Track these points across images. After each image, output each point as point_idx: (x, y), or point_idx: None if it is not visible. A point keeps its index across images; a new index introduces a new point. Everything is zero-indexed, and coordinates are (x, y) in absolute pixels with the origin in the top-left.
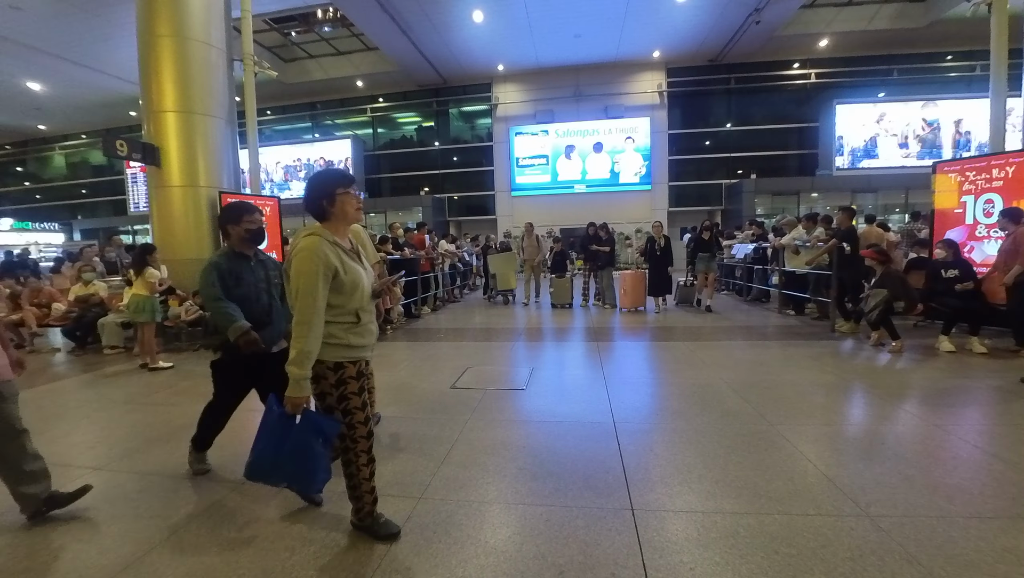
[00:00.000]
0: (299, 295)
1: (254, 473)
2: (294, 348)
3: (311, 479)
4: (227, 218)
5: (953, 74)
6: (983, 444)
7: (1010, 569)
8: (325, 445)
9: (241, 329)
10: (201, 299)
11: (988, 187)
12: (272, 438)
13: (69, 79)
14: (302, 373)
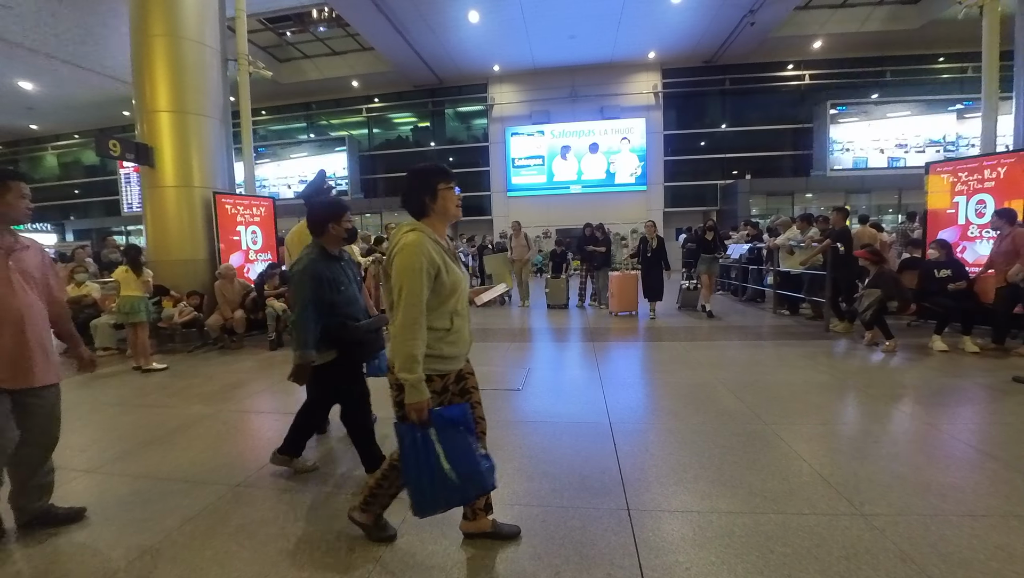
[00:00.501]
0: (404, 294)
1: (425, 508)
2: (401, 353)
3: (480, 478)
4: (330, 216)
5: (945, 76)
6: (975, 442)
7: (1002, 566)
8: (469, 433)
9: (309, 359)
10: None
11: (980, 188)
12: (419, 462)
13: (61, 78)
14: (416, 377)
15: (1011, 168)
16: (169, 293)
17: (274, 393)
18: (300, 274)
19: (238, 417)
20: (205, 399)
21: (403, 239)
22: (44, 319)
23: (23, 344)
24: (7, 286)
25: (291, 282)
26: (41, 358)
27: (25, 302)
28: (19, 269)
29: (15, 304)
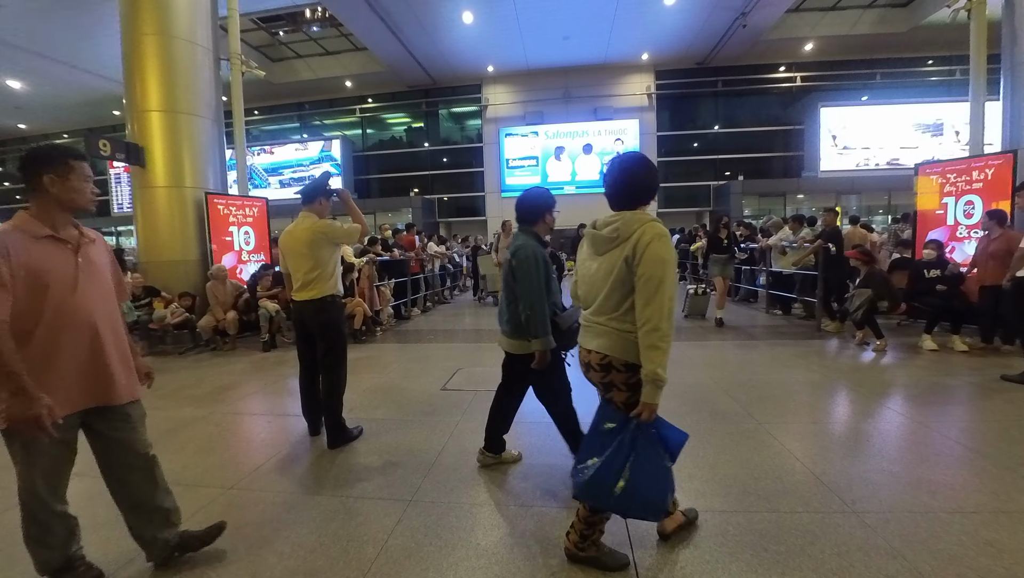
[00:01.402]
0: (665, 286)
1: (591, 493)
2: (659, 349)
3: (662, 499)
4: (547, 205)
5: (934, 78)
6: (964, 440)
7: (991, 562)
8: (671, 459)
9: (550, 346)
10: (526, 292)
11: (968, 189)
12: (618, 454)
13: (50, 77)
14: (666, 378)
15: (998, 169)
16: (160, 294)
17: (267, 395)
18: (533, 259)
19: (230, 419)
20: (197, 401)
21: (654, 229)
22: (120, 324)
23: (101, 355)
24: (78, 289)
25: (520, 268)
26: (122, 370)
27: (99, 306)
28: (88, 267)
29: (88, 308)
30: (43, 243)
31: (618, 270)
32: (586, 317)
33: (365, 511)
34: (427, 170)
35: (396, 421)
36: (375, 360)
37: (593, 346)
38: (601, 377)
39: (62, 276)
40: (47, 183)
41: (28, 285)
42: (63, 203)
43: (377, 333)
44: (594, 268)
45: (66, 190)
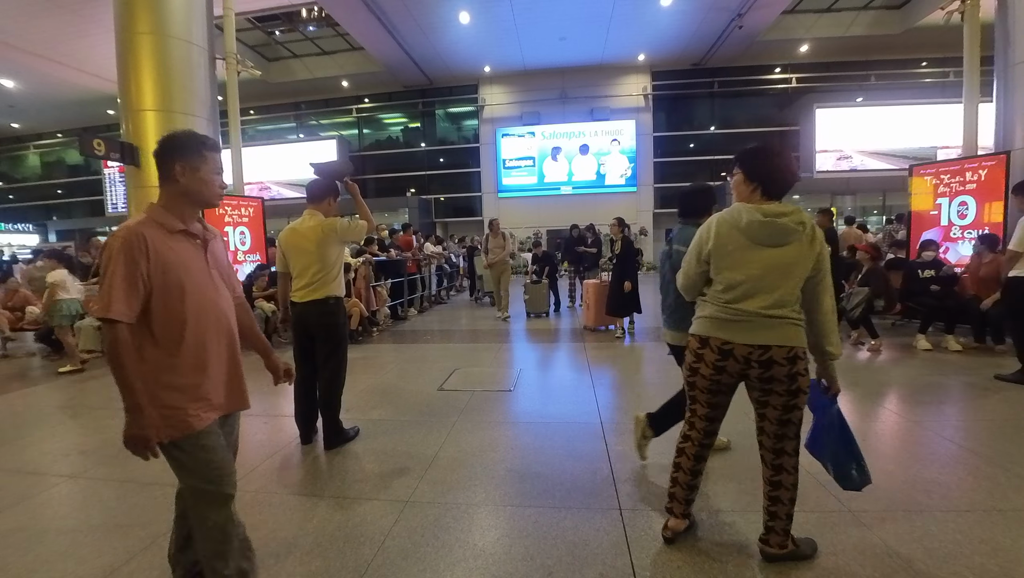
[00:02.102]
0: (828, 278)
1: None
2: (836, 333)
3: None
4: (713, 200)
5: (928, 80)
6: (959, 439)
7: (986, 560)
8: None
9: None
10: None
11: (962, 189)
12: (841, 437)
13: (44, 76)
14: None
15: (992, 170)
16: None
17: (263, 395)
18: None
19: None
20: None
21: (814, 221)
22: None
23: (236, 357)
24: (213, 288)
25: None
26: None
27: (228, 305)
28: (216, 265)
29: (223, 308)
30: (177, 238)
31: (804, 261)
32: (743, 310)
33: (362, 512)
34: (424, 170)
35: (393, 422)
36: (372, 361)
37: (775, 341)
38: (787, 370)
39: (197, 275)
40: (178, 172)
41: (167, 285)
42: (191, 195)
43: (374, 333)
44: (767, 257)
45: (196, 181)
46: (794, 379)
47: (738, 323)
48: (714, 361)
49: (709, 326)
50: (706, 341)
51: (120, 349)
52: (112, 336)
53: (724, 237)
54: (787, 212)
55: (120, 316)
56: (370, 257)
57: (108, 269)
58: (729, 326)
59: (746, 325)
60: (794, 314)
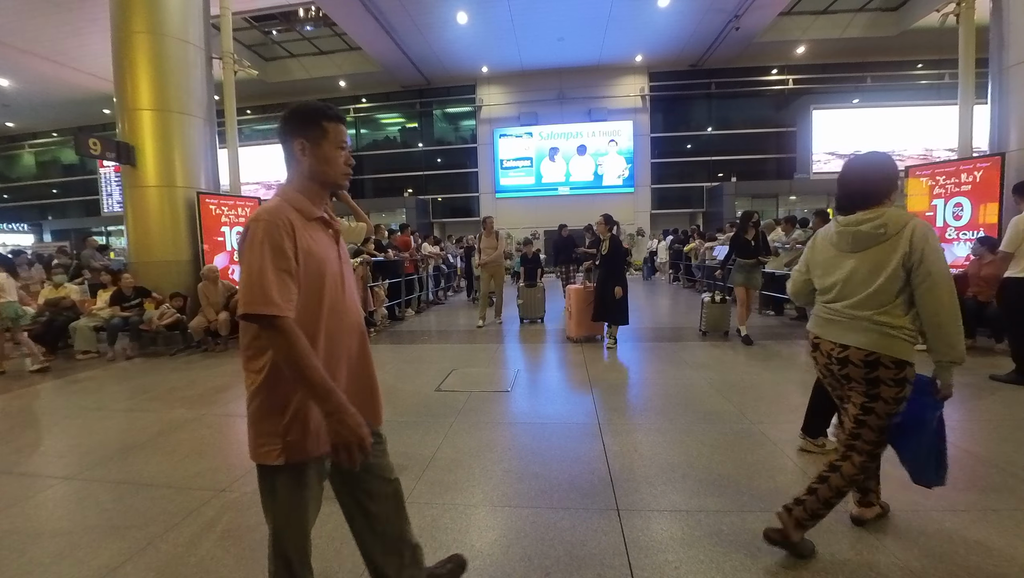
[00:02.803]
0: (946, 275)
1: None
2: (960, 334)
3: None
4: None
5: (923, 82)
6: (954, 439)
7: (981, 560)
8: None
9: None
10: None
11: (957, 191)
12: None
13: (38, 75)
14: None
15: (987, 172)
16: (151, 295)
17: None
18: None
19: (222, 421)
20: (188, 403)
21: (924, 224)
22: None
23: (369, 366)
24: (345, 284)
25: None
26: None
27: (358, 304)
28: (345, 259)
29: (356, 308)
30: (314, 226)
31: (893, 266)
32: (836, 310)
33: None
34: (421, 170)
35: (390, 422)
36: None
37: (853, 342)
38: (864, 373)
39: (333, 268)
40: (299, 150)
41: (308, 276)
42: (315, 176)
43: (371, 334)
44: (850, 263)
45: (317, 160)
46: (874, 384)
47: (828, 321)
48: (810, 352)
49: (811, 323)
50: (808, 336)
51: (298, 345)
52: (282, 333)
53: (819, 248)
54: (867, 220)
55: (280, 309)
56: (368, 257)
57: (254, 257)
58: (821, 323)
59: (833, 323)
60: (880, 318)
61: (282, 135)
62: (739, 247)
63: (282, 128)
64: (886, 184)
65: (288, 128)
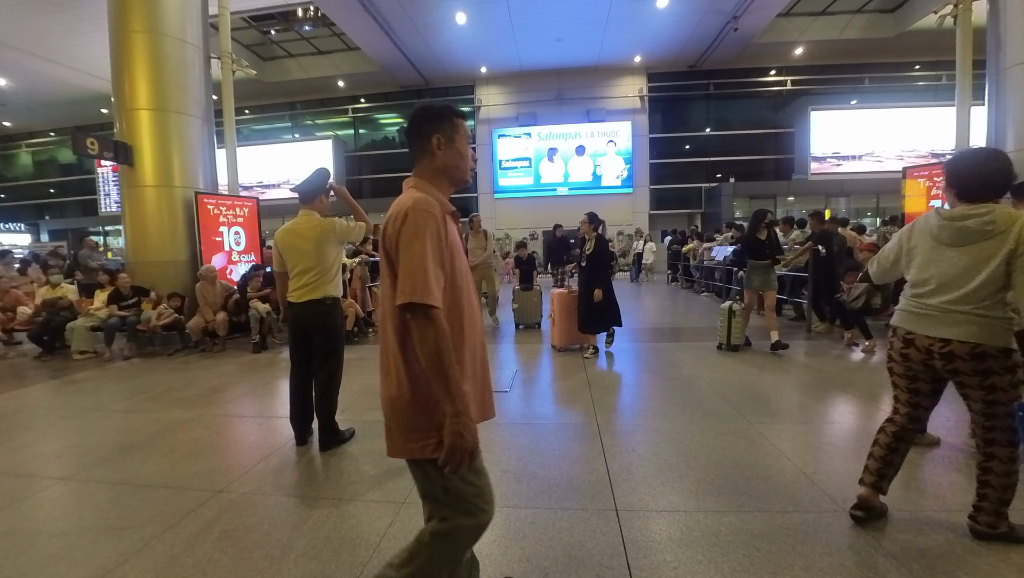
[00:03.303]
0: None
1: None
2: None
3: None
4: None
5: (921, 83)
6: (951, 439)
7: (978, 560)
8: None
9: None
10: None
11: None
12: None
13: (36, 74)
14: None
15: None
16: (149, 294)
17: (257, 397)
18: None
19: (220, 422)
20: (186, 403)
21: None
22: None
23: (486, 364)
24: (472, 282)
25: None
26: None
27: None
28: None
29: (478, 306)
30: (449, 222)
31: (998, 262)
32: (931, 305)
33: (357, 514)
34: None
35: None
36: (367, 361)
37: (955, 335)
38: (973, 366)
39: (465, 266)
40: (435, 145)
41: (452, 270)
42: (448, 170)
43: (369, 334)
44: (952, 257)
45: (451, 154)
46: (986, 375)
47: (922, 316)
48: (899, 349)
49: (899, 318)
50: (895, 332)
51: (447, 339)
52: (434, 325)
53: (917, 239)
54: (974, 214)
55: (438, 301)
56: (366, 257)
57: (416, 247)
58: (914, 319)
59: (929, 319)
60: (982, 311)
61: (417, 129)
62: (752, 248)
63: (418, 123)
64: (1002, 180)
65: (425, 123)
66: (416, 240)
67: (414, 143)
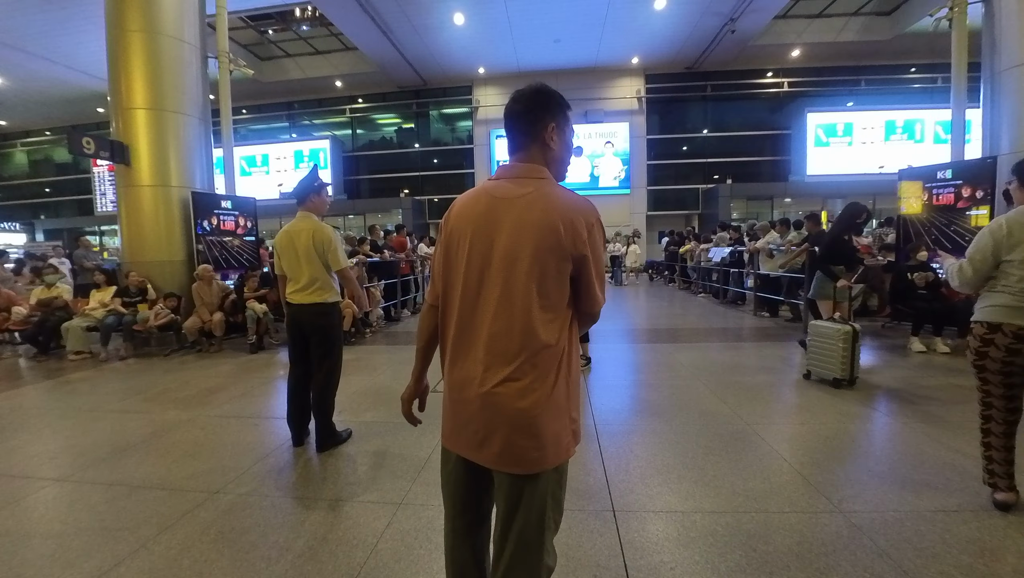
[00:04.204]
0: None
1: None
2: None
3: None
4: None
5: (916, 85)
6: (946, 440)
7: (973, 560)
8: None
9: None
10: None
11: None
12: None
13: (31, 73)
14: None
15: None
16: (145, 295)
17: (254, 397)
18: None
19: (217, 422)
20: (182, 404)
21: None
22: None
23: None
24: None
25: None
26: None
27: None
28: None
29: None
30: None
31: None
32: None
33: (354, 514)
34: (417, 171)
35: (385, 424)
36: (364, 362)
37: None
38: None
39: None
40: (549, 134)
41: None
42: (555, 161)
43: (367, 335)
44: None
45: (562, 145)
46: None
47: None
48: (1007, 345)
49: (1004, 313)
50: (997, 327)
51: None
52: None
53: (1019, 233)
54: None
55: None
56: (363, 258)
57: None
58: (1013, 313)
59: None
60: None
61: (533, 115)
62: (840, 252)
63: (535, 107)
64: None
65: (543, 108)
66: (602, 248)
67: (524, 126)
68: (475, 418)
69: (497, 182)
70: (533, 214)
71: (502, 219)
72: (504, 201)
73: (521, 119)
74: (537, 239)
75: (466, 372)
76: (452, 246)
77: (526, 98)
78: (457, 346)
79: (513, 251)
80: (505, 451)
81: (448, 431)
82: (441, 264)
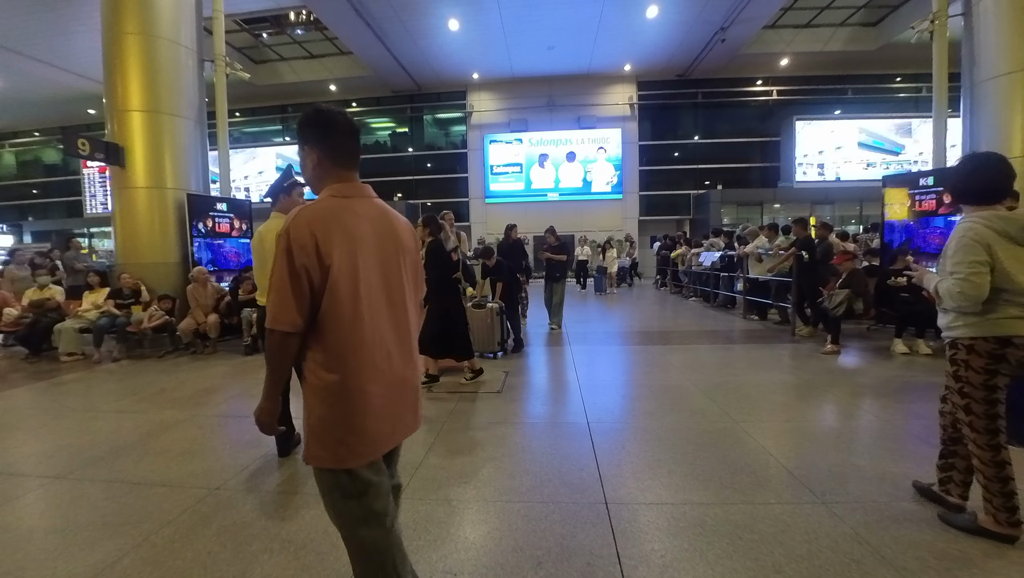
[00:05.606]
0: None
1: None
2: None
3: None
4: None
5: (901, 95)
6: (926, 436)
7: (947, 545)
8: None
9: None
10: None
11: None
12: None
13: (22, 74)
14: None
15: None
16: (139, 297)
17: (251, 397)
18: None
19: (214, 422)
20: (178, 404)
21: None
22: None
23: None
24: None
25: None
26: None
27: None
28: None
29: None
30: None
31: None
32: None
33: None
34: (411, 175)
35: None
36: None
37: None
38: None
39: None
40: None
41: None
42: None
43: None
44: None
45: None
46: None
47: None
48: (1019, 358)
49: (1002, 327)
50: (1008, 341)
51: None
52: None
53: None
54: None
55: None
56: None
57: None
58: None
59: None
60: None
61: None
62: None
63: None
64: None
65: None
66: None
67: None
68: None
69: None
70: None
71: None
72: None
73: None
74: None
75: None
76: None
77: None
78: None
79: None
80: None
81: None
82: None
